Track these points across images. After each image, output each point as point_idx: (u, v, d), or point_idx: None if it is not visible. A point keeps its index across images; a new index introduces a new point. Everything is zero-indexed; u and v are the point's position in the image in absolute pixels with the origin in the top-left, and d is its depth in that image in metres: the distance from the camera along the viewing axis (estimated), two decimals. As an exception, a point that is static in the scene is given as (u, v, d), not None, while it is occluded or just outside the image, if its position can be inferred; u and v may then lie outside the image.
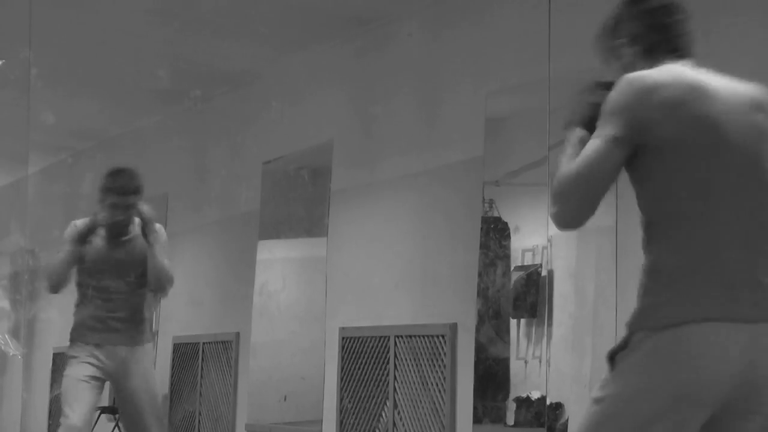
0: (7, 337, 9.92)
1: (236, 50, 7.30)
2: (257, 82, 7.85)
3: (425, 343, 6.05)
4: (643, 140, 2.37)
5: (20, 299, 10.37)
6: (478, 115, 5.89)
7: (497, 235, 5.77)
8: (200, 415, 8.10)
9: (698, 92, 2.40)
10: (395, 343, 6.26)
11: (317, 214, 7.17)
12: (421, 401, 6.03)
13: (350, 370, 6.59)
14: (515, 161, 5.79)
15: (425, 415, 5.99)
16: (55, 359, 10.43)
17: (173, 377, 8.51)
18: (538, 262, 5.53)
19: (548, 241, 5.45)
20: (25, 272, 10.43)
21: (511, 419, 5.53)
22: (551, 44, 5.34)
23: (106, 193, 5.14)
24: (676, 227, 2.39)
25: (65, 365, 5.15)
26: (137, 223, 5.17)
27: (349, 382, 6.60)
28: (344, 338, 6.66)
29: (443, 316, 5.97)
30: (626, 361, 2.36)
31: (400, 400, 6.20)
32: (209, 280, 8.34)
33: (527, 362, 5.53)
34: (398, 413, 6.20)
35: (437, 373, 5.94)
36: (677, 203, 2.38)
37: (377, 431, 6.39)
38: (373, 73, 6.81)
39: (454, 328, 5.88)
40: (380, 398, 6.35)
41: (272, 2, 6.48)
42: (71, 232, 5.17)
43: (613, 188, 5.19)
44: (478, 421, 5.66)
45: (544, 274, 5.46)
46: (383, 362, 6.34)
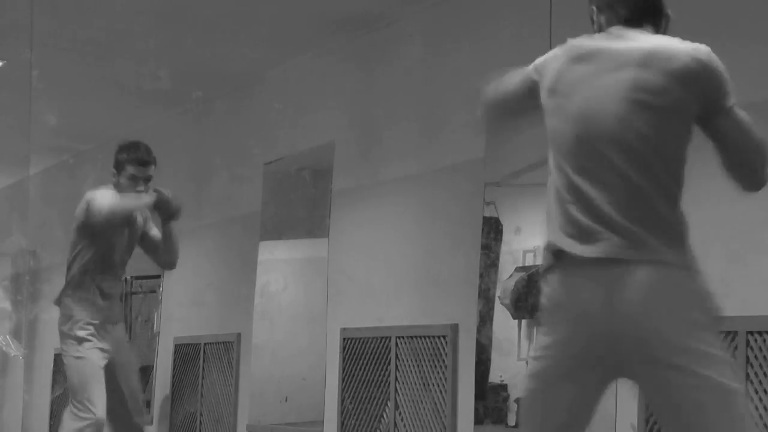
0: (8, 338, 9.93)
1: (238, 52, 7.31)
2: (258, 83, 7.86)
3: (426, 344, 6.05)
4: (535, 92, 2.78)
5: (21, 300, 10.38)
6: (478, 116, 5.88)
7: (498, 236, 5.77)
8: (201, 415, 8.10)
9: (568, 59, 2.71)
10: (396, 344, 6.26)
11: (318, 215, 7.17)
12: (422, 402, 6.04)
13: (351, 371, 6.59)
14: (516, 162, 5.79)
15: (426, 415, 5.99)
16: (56, 360, 10.43)
17: (174, 378, 8.51)
18: (539, 263, 5.53)
19: (549, 241, 5.46)
20: (26, 273, 10.45)
21: (512, 420, 5.53)
22: (552, 44, 5.34)
23: (123, 165, 5.12)
24: (549, 180, 2.68)
25: (72, 343, 5.12)
26: None
27: (350, 383, 6.60)
28: (345, 339, 6.66)
29: (444, 316, 5.97)
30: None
31: (401, 400, 6.20)
32: (210, 280, 8.34)
33: (528, 362, 5.53)
34: (399, 414, 6.21)
35: (438, 373, 5.94)
36: (549, 160, 2.71)
37: (378, 432, 6.39)
38: (374, 74, 6.82)
39: (455, 328, 5.88)
40: (381, 399, 6.36)
41: (274, 4, 6.49)
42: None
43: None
44: (479, 421, 5.66)
45: (545, 274, 5.46)
46: (384, 363, 6.34)
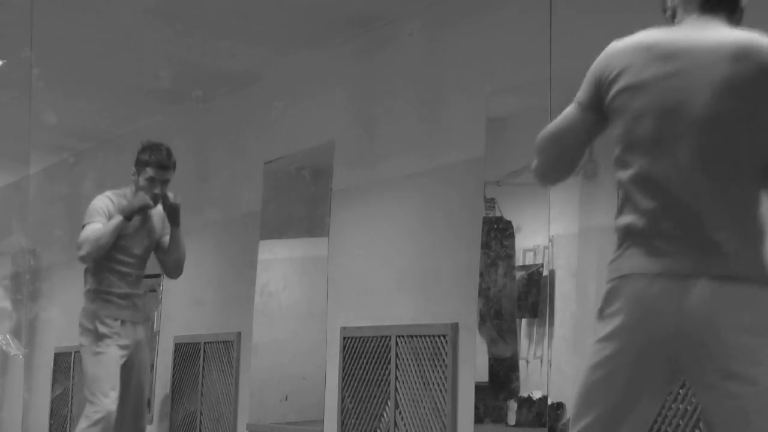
0: (8, 337, 9.92)
1: (237, 50, 7.31)
2: (258, 82, 7.86)
3: (426, 343, 6.05)
4: (601, 106, 2.56)
5: (21, 299, 10.38)
6: (479, 115, 5.89)
7: (499, 235, 5.77)
8: (201, 414, 8.10)
9: (646, 55, 2.49)
10: (396, 343, 6.26)
11: (318, 214, 7.17)
12: (422, 401, 6.04)
13: (351, 370, 6.59)
14: (516, 161, 5.79)
15: (426, 415, 5.99)
16: (56, 359, 10.44)
17: (174, 377, 8.51)
18: (539, 261, 5.53)
19: (549, 240, 5.45)
20: (26, 272, 10.44)
21: (512, 419, 5.53)
22: (552, 44, 5.34)
23: (143, 166, 5.19)
24: (623, 189, 2.53)
25: (92, 338, 5.14)
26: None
27: (350, 382, 6.60)
28: (345, 338, 6.66)
29: (444, 316, 5.97)
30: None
31: (401, 400, 6.20)
32: (210, 280, 8.34)
33: (528, 362, 5.54)
34: (399, 413, 6.20)
35: (438, 373, 5.94)
36: (622, 167, 2.53)
37: (378, 431, 6.39)
38: (374, 73, 6.82)
39: (455, 328, 5.88)
40: (381, 398, 6.36)
41: (274, 2, 6.48)
42: (105, 207, 5.19)
43: (614, 188, 5.17)
44: (479, 421, 5.66)
45: (545, 273, 5.46)
46: (384, 362, 6.34)
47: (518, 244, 5.68)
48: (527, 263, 5.60)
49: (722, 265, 2.39)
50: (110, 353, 5.07)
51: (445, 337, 5.92)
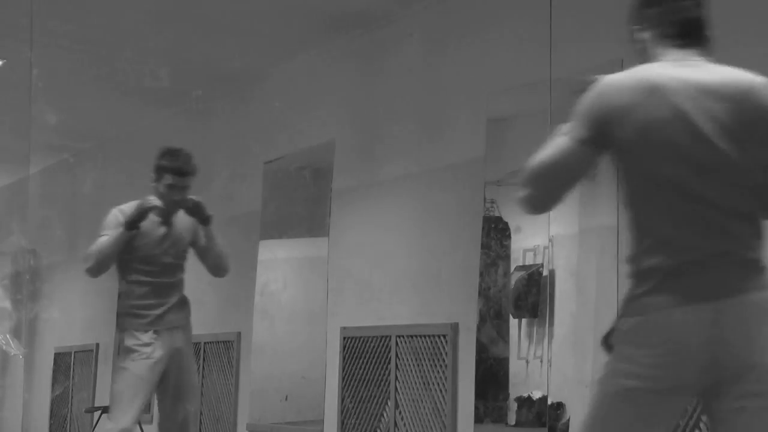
0: (8, 337, 9.92)
1: (238, 51, 7.30)
2: (259, 82, 7.86)
3: (426, 343, 6.05)
4: (602, 142, 2.56)
5: (21, 299, 10.37)
6: (479, 115, 5.89)
7: (498, 235, 5.77)
8: (201, 414, 8.10)
9: (656, 94, 2.49)
10: (396, 343, 6.26)
11: (318, 213, 7.17)
12: (422, 401, 6.04)
13: (351, 370, 6.59)
14: (516, 161, 5.78)
15: (426, 415, 5.99)
16: (56, 359, 10.44)
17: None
18: (539, 262, 5.53)
19: (549, 241, 5.46)
20: (26, 272, 10.44)
21: (512, 419, 5.53)
22: (552, 45, 5.35)
23: (162, 172, 5.08)
24: (636, 225, 2.55)
25: (121, 353, 5.02)
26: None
27: (350, 382, 6.60)
28: (345, 338, 6.66)
29: (444, 316, 5.97)
30: (615, 342, 2.55)
31: (401, 400, 6.20)
32: (210, 279, 8.32)
33: (528, 362, 5.54)
34: (399, 413, 6.21)
35: (438, 373, 5.94)
36: (634, 204, 2.56)
37: (378, 431, 6.39)
38: (374, 73, 6.82)
39: (455, 327, 5.88)
40: (381, 398, 6.36)
41: (274, 3, 6.49)
42: (115, 219, 5.07)
43: (614, 188, 5.18)
44: (479, 420, 5.66)
45: (545, 274, 5.46)
46: (384, 362, 6.34)
47: (518, 244, 5.68)
48: (527, 263, 5.60)
49: (747, 288, 2.47)
50: (133, 368, 4.92)
51: (445, 337, 5.92)
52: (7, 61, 7.60)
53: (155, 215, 5.05)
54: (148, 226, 5.06)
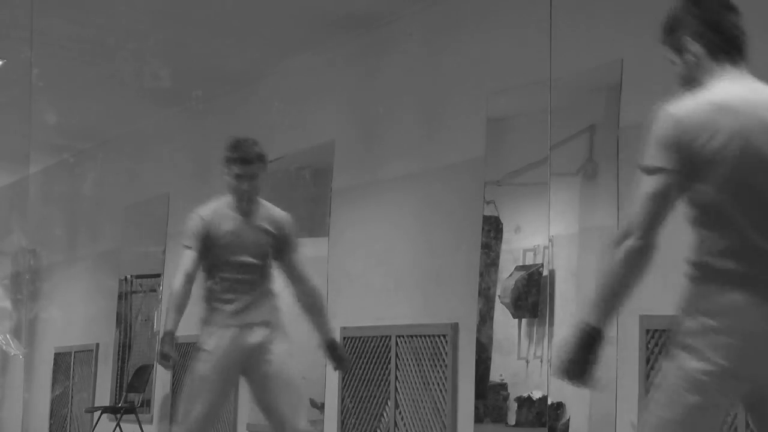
0: (8, 336, 9.92)
1: (238, 51, 7.31)
2: (258, 82, 7.86)
3: (426, 342, 6.05)
4: (687, 167, 2.56)
5: (21, 299, 10.38)
6: (479, 115, 5.89)
7: (499, 234, 5.77)
8: (201, 414, 8.09)
9: (729, 113, 2.55)
10: (396, 342, 6.26)
11: (318, 213, 7.17)
12: (422, 401, 6.04)
13: (352, 369, 6.59)
14: (516, 161, 5.80)
15: (427, 414, 5.99)
16: (56, 359, 10.44)
17: (174, 377, 8.51)
18: (539, 262, 5.53)
19: (549, 241, 5.45)
20: (26, 272, 10.44)
21: (512, 419, 5.53)
22: (552, 44, 5.35)
23: (229, 164, 4.90)
24: (709, 230, 2.64)
25: (196, 354, 4.80)
26: (262, 203, 4.87)
27: (350, 382, 6.60)
28: (345, 338, 6.66)
29: (444, 315, 5.97)
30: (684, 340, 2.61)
31: (401, 399, 6.20)
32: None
33: (528, 362, 5.54)
34: (399, 413, 6.21)
35: (438, 372, 5.94)
36: (719, 218, 2.61)
37: (379, 431, 6.39)
38: (374, 73, 6.82)
39: (455, 327, 5.88)
40: (382, 398, 6.36)
41: (274, 3, 6.49)
42: (195, 228, 4.84)
43: (614, 188, 5.18)
44: (479, 420, 5.66)
45: (545, 274, 5.46)
46: (384, 362, 6.34)
47: (518, 244, 5.68)
48: (527, 263, 5.59)
49: None
50: (198, 369, 4.72)
51: (445, 337, 5.92)
52: (7, 61, 7.60)
53: (230, 210, 4.89)
54: (225, 219, 4.83)
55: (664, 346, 4.75)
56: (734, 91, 2.60)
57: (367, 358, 6.49)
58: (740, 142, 2.54)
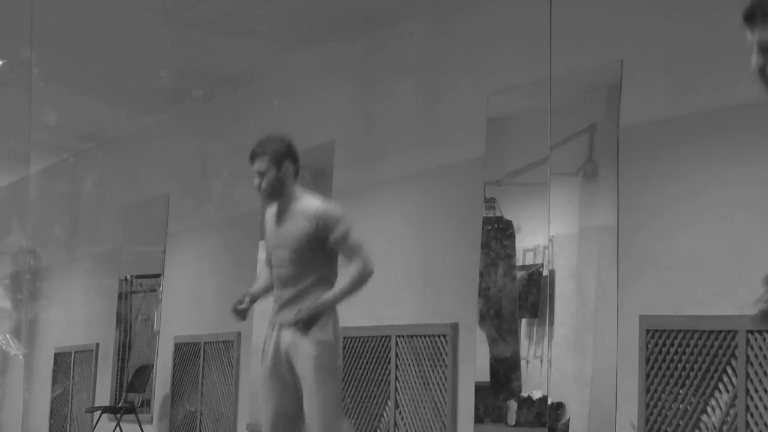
0: (8, 336, 9.93)
1: (238, 50, 7.30)
2: (258, 81, 7.86)
3: (427, 342, 6.05)
4: None
5: (21, 299, 10.38)
6: (479, 114, 5.89)
7: (499, 234, 5.77)
8: (201, 414, 8.10)
9: None
10: (396, 342, 6.26)
11: (318, 213, 7.16)
12: (422, 401, 6.04)
13: (351, 369, 6.59)
14: (516, 161, 5.79)
15: (427, 414, 5.99)
16: (56, 359, 10.44)
17: (174, 377, 8.51)
18: (539, 261, 5.53)
19: (549, 241, 5.45)
20: (26, 272, 10.45)
21: (512, 419, 5.53)
22: (552, 44, 5.35)
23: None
24: None
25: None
26: (296, 197, 4.65)
27: (350, 381, 6.60)
28: (345, 338, 6.65)
29: (444, 315, 5.97)
30: None
31: (401, 399, 6.20)
32: (211, 279, 8.34)
33: (528, 362, 5.54)
34: (400, 413, 6.20)
35: (438, 372, 5.94)
36: None
37: (379, 431, 6.39)
38: (374, 72, 6.82)
39: (455, 327, 5.88)
40: (382, 398, 6.36)
41: (274, 2, 6.48)
42: (265, 222, 4.79)
43: (614, 188, 5.17)
44: (479, 420, 5.66)
45: (545, 273, 5.46)
46: (384, 362, 6.34)
47: (518, 244, 5.68)
48: (527, 263, 5.59)
49: None
50: (261, 371, 4.61)
51: (445, 337, 5.92)
52: (7, 60, 7.60)
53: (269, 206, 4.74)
54: (270, 216, 4.74)
55: (663, 346, 4.76)
56: None
57: (367, 358, 6.49)
58: None
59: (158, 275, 8.98)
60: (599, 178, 5.26)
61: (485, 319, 5.72)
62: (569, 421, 5.19)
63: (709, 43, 4.69)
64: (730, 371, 4.48)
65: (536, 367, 5.48)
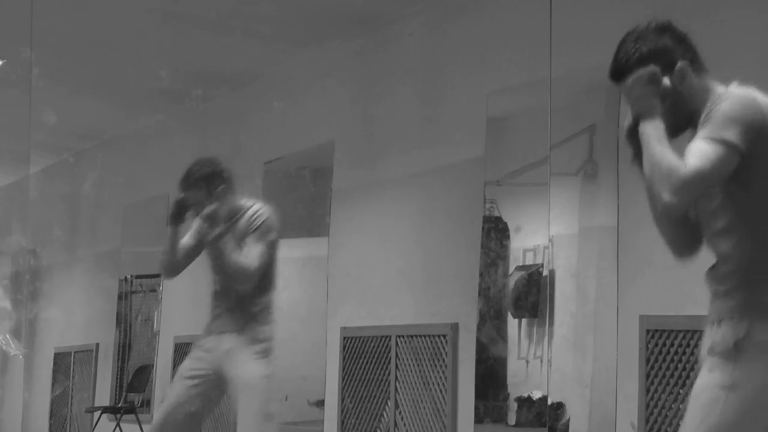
0: (8, 336, 9.92)
1: (237, 50, 7.30)
2: (258, 81, 7.86)
3: (426, 343, 6.05)
4: (749, 152, 2.48)
5: (21, 299, 10.38)
6: (479, 114, 5.89)
7: (498, 235, 5.77)
8: (201, 414, 8.08)
9: None
10: (396, 342, 6.26)
11: (318, 213, 7.17)
12: (422, 401, 6.04)
13: (351, 370, 6.59)
14: (517, 161, 5.80)
15: (427, 415, 5.99)
16: (56, 359, 10.44)
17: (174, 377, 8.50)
18: (539, 262, 5.53)
19: (549, 241, 5.45)
20: (26, 272, 10.44)
21: (512, 419, 5.53)
22: (552, 44, 5.34)
23: None
24: None
25: None
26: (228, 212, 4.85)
27: (350, 382, 6.60)
28: (345, 338, 6.66)
29: (444, 315, 5.97)
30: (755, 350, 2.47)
31: (401, 400, 6.20)
32: (210, 279, 8.32)
33: (528, 362, 5.54)
34: (399, 413, 6.20)
35: (438, 373, 5.94)
36: None
37: (379, 431, 6.39)
38: (374, 72, 6.82)
39: (455, 327, 5.88)
40: (381, 398, 6.36)
41: (274, 2, 6.49)
42: None
43: (614, 188, 5.18)
44: (479, 420, 5.66)
45: (545, 274, 5.46)
46: (384, 362, 6.34)
47: (518, 244, 5.68)
48: (527, 263, 5.59)
49: None
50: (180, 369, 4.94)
51: (445, 337, 5.92)
52: (7, 60, 7.60)
53: None
54: None
55: (663, 346, 4.75)
56: None
57: (367, 358, 6.49)
58: None
59: (158, 275, 8.97)
60: (599, 178, 5.26)
61: (485, 319, 5.72)
62: (569, 421, 5.19)
63: (708, 43, 4.69)
64: (730, 371, 4.48)
65: (536, 367, 5.48)
